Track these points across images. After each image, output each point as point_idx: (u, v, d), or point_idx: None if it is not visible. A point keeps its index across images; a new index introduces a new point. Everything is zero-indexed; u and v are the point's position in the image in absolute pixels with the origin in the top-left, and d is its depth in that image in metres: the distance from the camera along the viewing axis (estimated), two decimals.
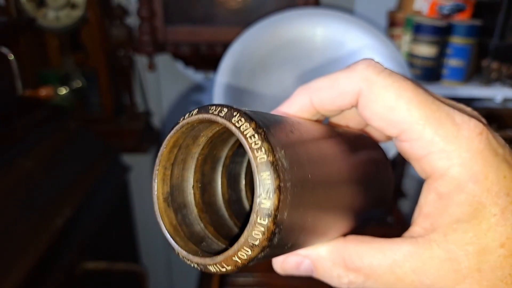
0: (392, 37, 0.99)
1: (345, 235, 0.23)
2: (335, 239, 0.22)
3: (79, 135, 0.88)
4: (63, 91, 1.02)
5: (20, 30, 0.89)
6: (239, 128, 0.17)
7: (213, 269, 0.18)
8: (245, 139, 0.17)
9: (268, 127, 0.17)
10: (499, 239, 0.19)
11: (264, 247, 0.16)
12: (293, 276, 0.24)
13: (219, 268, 0.18)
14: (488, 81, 0.98)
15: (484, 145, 0.19)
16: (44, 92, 0.84)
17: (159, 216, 0.20)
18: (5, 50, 0.79)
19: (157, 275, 1.40)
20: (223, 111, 0.18)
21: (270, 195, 0.16)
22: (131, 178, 1.13)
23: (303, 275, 0.23)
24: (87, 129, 0.93)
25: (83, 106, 1.11)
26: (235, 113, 0.17)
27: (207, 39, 0.99)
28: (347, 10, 1.06)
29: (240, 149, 0.24)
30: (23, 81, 0.82)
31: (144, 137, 1.13)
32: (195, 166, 0.22)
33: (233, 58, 0.76)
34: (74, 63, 1.07)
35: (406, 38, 0.96)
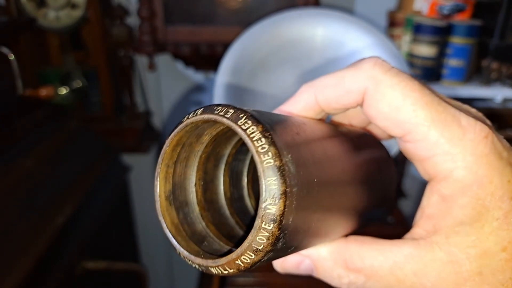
0: (392, 37, 0.99)
1: (347, 235, 0.23)
2: (337, 239, 0.22)
3: (79, 135, 0.88)
4: (63, 90, 1.02)
5: (20, 30, 0.89)
6: (245, 130, 0.16)
7: (215, 271, 0.18)
8: (252, 142, 0.16)
9: (275, 130, 0.17)
10: (501, 243, 0.19)
11: (267, 252, 0.16)
12: (294, 275, 0.24)
13: (221, 270, 0.18)
14: (488, 81, 0.98)
15: (489, 149, 0.19)
16: (44, 91, 0.84)
17: (160, 214, 0.20)
18: (5, 50, 0.79)
19: (157, 275, 1.40)
20: (229, 112, 0.17)
21: (276, 200, 0.16)
22: (131, 178, 1.13)
23: (303, 274, 0.23)
24: (87, 129, 0.93)
25: (84, 105, 1.11)
26: (241, 115, 0.17)
27: (207, 39, 0.99)
28: (347, 10, 1.06)
29: (243, 146, 0.23)
30: (23, 80, 0.82)
31: (144, 137, 1.13)
32: (197, 164, 0.22)
33: (234, 58, 0.76)
34: (74, 62, 1.07)
35: (406, 38, 0.96)
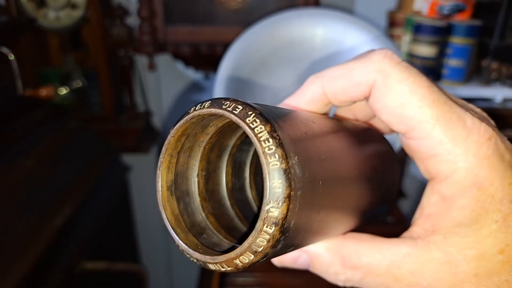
0: (392, 37, 0.99)
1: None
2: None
3: (79, 135, 0.87)
4: (63, 90, 1.02)
5: (20, 30, 0.89)
6: (253, 129, 0.16)
7: (213, 267, 0.18)
8: (259, 142, 0.16)
9: (282, 129, 0.16)
10: (498, 245, 0.19)
11: (267, 253, 0.16)
12: (294, 276, 0.24)
13: (219, 267, 0.18)
14: (488, 81, 0.97)
15: (492, 151, 0.19)
16: (44, 91, 0.84)
17: (161, 205, 0.20)
18: (5, 50, 0.79)
19: (157, 275, 1.40)
20: (237, 109, 0.17)
21: (279, 204, 0.16)
22: (131, 178, 1.13)
23: (300, 269, 0.23)
24: (87, 129, 0.93)
25: (84, 105, 1.11)
26: (250, 112, 0.16)
27: (207, 39, 0.99)
28: (347, 10, 1.06)
29: (248, 138, 0.23)
30: (23, 80, 0.82)
31: (144, 137, 1.13)
32: (201, 154, 0.21)
33: (233, 58, 0.76)
34: (74, 62, 1.07)
35: (406, 38, 0.96)
